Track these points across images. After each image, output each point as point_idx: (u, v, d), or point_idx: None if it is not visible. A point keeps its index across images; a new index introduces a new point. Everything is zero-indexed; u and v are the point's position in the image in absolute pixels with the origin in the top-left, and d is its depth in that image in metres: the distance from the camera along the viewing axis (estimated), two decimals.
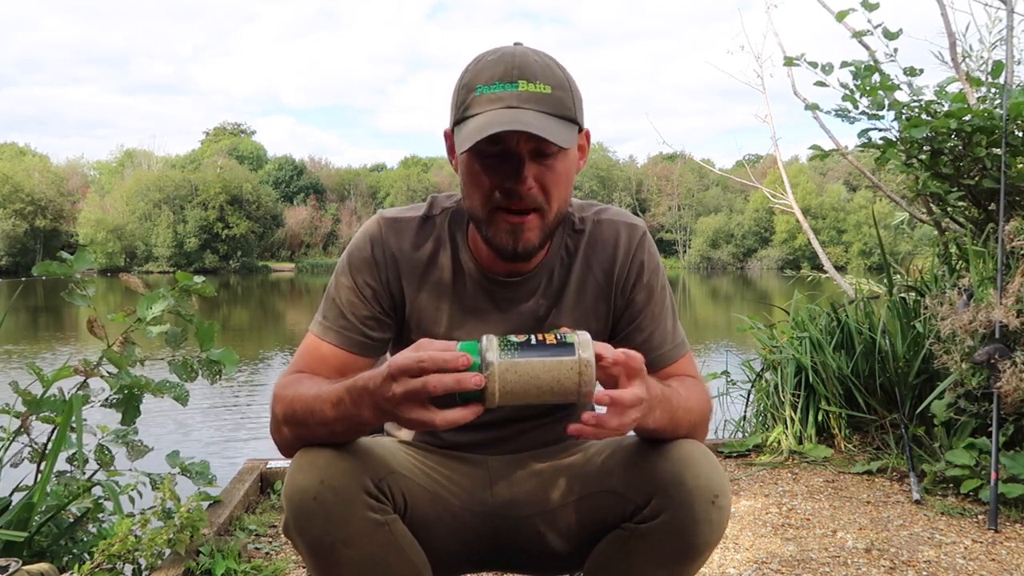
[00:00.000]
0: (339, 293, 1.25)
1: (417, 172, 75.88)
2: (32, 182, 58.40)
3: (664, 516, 1.09)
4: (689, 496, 1.08)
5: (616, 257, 1.28)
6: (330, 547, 1.05)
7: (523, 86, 1.10)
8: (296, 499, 1.05)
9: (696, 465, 1.10)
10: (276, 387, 1.16)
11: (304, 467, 1.06)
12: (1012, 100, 2.99)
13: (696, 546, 1.09)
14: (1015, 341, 2.75)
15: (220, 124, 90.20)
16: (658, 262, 1.31)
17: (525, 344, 0.97)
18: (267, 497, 2.94)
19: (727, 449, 3.52)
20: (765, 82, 5.32)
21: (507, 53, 1.13)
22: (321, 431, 1.08)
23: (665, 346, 1.27)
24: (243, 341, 12.64)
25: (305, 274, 55.80)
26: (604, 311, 1.29)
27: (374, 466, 1.11)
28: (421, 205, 1.31)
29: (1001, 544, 2.39)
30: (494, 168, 1.13)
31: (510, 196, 1.12)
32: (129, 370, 2.14)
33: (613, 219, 1.30)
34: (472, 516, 1.26)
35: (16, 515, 1.86)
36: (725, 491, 1.11)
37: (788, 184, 5.35)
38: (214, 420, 6.16)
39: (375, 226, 1.28)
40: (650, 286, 1.28)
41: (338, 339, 1.22)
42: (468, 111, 1.12)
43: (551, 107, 1.11)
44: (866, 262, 45.19)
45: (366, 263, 1.25)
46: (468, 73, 1.15)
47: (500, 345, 0.96)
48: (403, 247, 1.26)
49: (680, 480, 1.09)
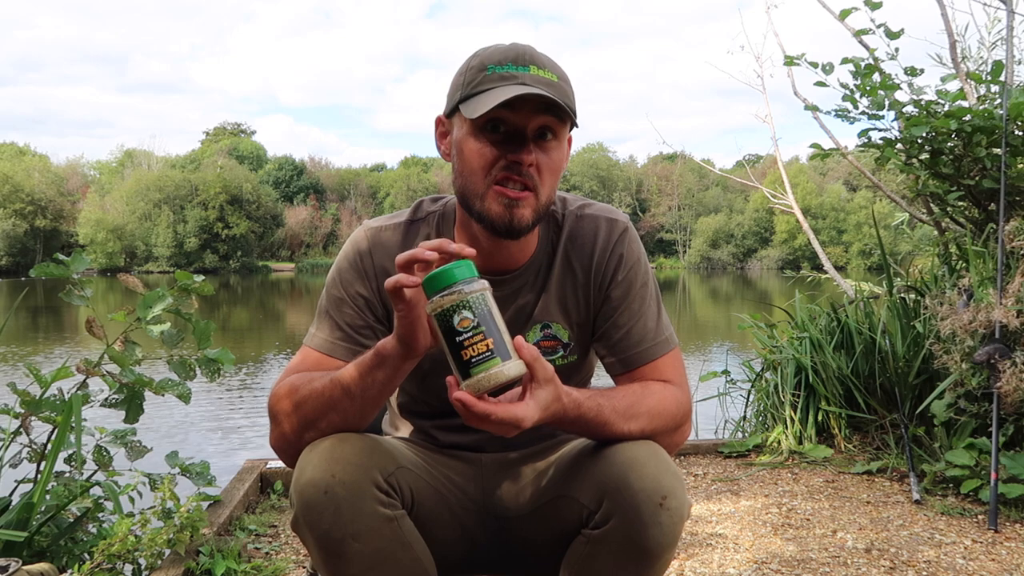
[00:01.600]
0: (331, 305, 1.25)
1: (417, 172, 75.85)
2: (32, 182, 58.38)
3: (613, 521, 1.08)
4: (635, 499, 1.05)
5: (595, 252, 1.27)
6: (339, 541, 1.05)
7: (534, 70, 1.14)
8: (307, 493, 1.05)
9: (640, 467, 1.08)
10: (273, 395, 1.16)
11: (314, 461, 1.07)
12: (1012, 100, 2.99)
13: (649, 550, 1.06)
14: (1015, 341, 2.75)
15: (220, 124, 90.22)
16: (639, 256, 1.29)
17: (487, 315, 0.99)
18: (267, 497, 2.94)
19: (727, 449, 3.52)
20: (765, 82, 5.32)
21: (517, 43, 1.18)
22: (335, 417, 1.10)
23: (644, 343, 1.25)
24: (243, 341, 12.63)
25: (305, 274, 55.78)
26: (584, 306, 1.29)
27: (383, 460, 1.11)
28: (405, 211, 1.32)
29: (1001, 544, 2.39)
30: (498, 144, 1.15)
31: (511, 170, 1.14)
32: (132, 368, 2.14)
33: (595, 214, 1.30)
34: (467, 514, 1.26)
35: (16, 515, 1.86)
36: (675, 492, 1.07)
37: (788, 184, 5.35)
38: (214, 420, 6.16)
39: (361, 237, 1.29)
40: (628, 281, 1.27)
41: (332, 349, 1.21)
42: (479, 87, 1.14)
43: (557, 93, 1.13)
44: (866, 262, 45.17)
45: (355, 273, 1.25)
46: (477, 57, 1.18)
47: (473, 297, 0.99)
48: (390, 254, 1.25)
49: (625, 483, 1.07)
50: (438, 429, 1.34)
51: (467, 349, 0.97)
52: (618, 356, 1.26)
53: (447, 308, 0.97)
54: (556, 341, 1.29)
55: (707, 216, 66.02)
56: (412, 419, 1.38)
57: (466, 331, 0.97)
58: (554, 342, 1.29)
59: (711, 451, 3.58)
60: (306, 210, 68.45)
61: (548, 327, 1.28)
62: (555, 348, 1.29)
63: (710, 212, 66.59)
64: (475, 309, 0.98)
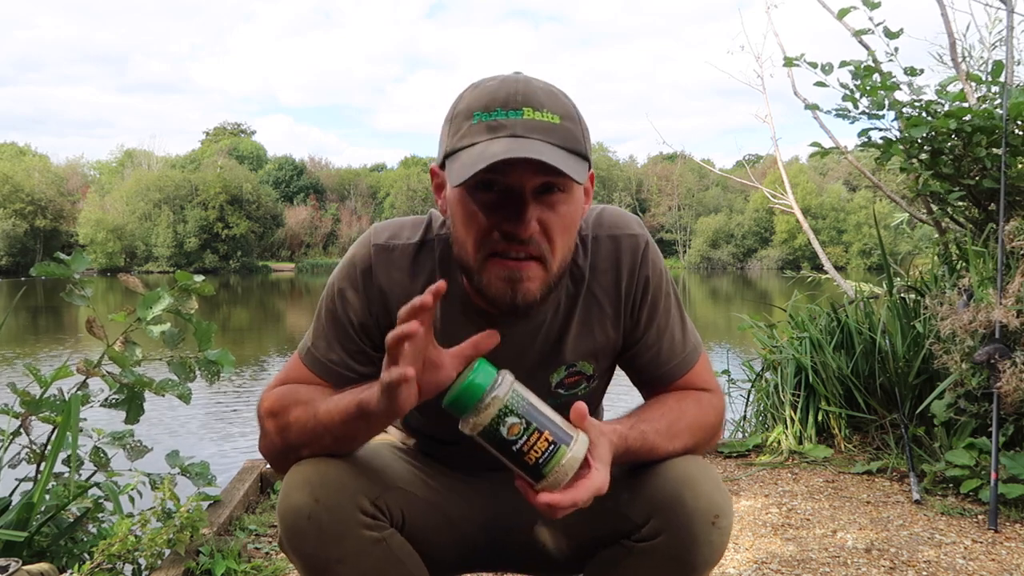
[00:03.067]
0: (328, 321, 1.17)
1: (417, 172, 75.76)
2: (32, 182, 58.37)
3: (663, 537, 1.06)
4: (689, 518, 1.05)
5: (621, 280, 1.18)
6: (324, 565, 1.04)
7: (528, 114, 0.98)
8: (290, 518, 1.04)
9: (696, 485, 1.07)
10: (264, 402, 1.12)
11: (298, 484, 1.04)
12: (1012, 100, 2.99)
13: (696, 567, 1.07)
14: (1015, 341, 2.75)
15: (220, 124, 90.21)
16: (661, 269, 1.21)
17: (531, 409, 0.94)
18: (267, 497, 2.94)
19: (727, 449, 3.52)
20: (765, 82, 5.32)
21: (509, 79, 1.02)
22: (317, 448, 1.06)
23: (674, 359, 1.21)
24: (243, 342, 12.63)
25: (305, 274, 55.77)
26: (613, 335, 1.21)
27: (369, 483, 1.08)
28: (419, 225, 1.19)
29: (1001, 544, 2.38)
30: (491, 208, 1.00)
31: (509, 240, 1.00)
32: (132, 369, 2.15)
33: (612, 233, 1.18)
34: (472, 525, 1.24)
35: (16, 515, 1.86)
36: (726, 511, 1.07)
37: (788, 184, 5.35)
38: (214, 420, 6.16)
39: (365, 254, 1.16)
40: (655, 300, 1.20)
41: (324, 372, 1.15)
42: (463, 141, 0.99)
43: (560, 139, 0.98)
44: (866, 262, 45.22)
45: (355, 296, 1.16)
46: (463, 100, 1.03)
47: (510, 398, 0.93)
48: (394, 279, 1.15)
49: (680, 500, 1.06)
50: (440, 444, 1.29)
51: (529, 454, 0.92)
52: (651, 374, 1.22)
53: (490, 423, 0.92)
54: (580, 376, 1.22)
55: (707, 216, 66.01)
56: (413, 433, 1.34)
57: (519, 437, 0.92)
58: (579, 377, 1.22)
59: (711, 451, 3.58)
60: (306, 210, 68.47)
61: (573, 366, 1.21)
62: (579, 382, 1.23)
63: (710, 212, 66.59)
64: (517, 410, 0.92)
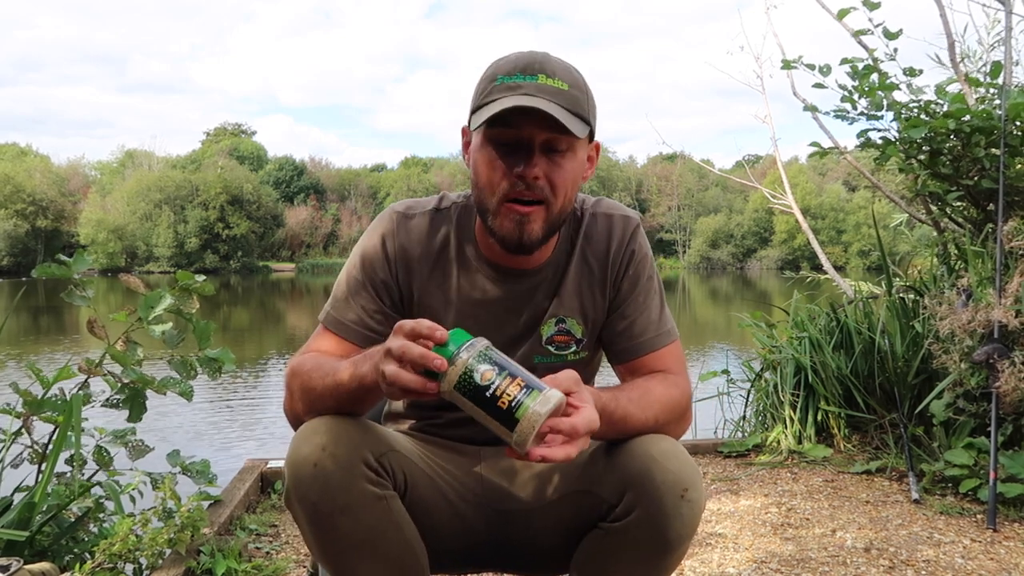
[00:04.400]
0: (349, 285, 1.29)
1: (417, 172, 75.83)
2: (33, 182, 58.36)
3: (636, 513, 1.10)
4: (658, 491, 1.09)
5: (610, 248, 1.32)
6: (328, 515, 1.07)
7: (542, 79, 1.15)
8: (297, 466, 1.07)
9: (664, 459, 1.11)
10: (289, 371, 1.20)
11: (307, 435, 1.09)
12: (1011, 101, 2.99)
13: (669, 541, 1.10)
14: (1014, 341, 2.76)
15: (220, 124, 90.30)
16: (647, 252, 1.35)
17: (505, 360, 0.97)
18: (267, 497, 2.95)
19: (727, 449, 3.53)
20: (764, 83, 5.33)
21: (531, 52, 1.19)
22: (330, 402, 1.12)
23: (647, 334, 1.31)
24: (243, 342, 12.64)
25: (306, 274, 55.75)
26: (600, 301, 1.33)
27: (375, 441, 1.13)
28: (432, 198, 1.36)
29: (1000, 543, 2.39)
30: (506, 155, 1.17)
31: (520, 182, 1.16)
32: (134, 368, 2.15)
33: (609, 212, 1.35)
34: (466, 506, 1.27)
35: (18, 515, 1.86)
36: (695, 484, 1.10)
37: (788, 184, 5.36)
38: (215, 420, 6.16)
39: (388, 220, 1.32)
40: (637, 275, 1.33)
41: (345, 332, 1.26)
42: (487, 98, 1.17)
43: (566, 102, 1.15)
44: (865, 262, 45.15)
45: (378, 257, 1.29)
46: (491, 67, 1.20)
47: (481, 352, 0.97)
48: (413, 240, 1.30)
49: (648, 475, 1.10)
50: (435, 421, 1.36)
51: (502, 398, 0.94)
52: (622, 345, 1.31)
53: (464, 373, 0.95)
54: (570, 336, 1.33)
55: (707, 216, 66.00)
56: (410, 411, 1.40)
57: (493, 381, 0.94)
58: (568, 337, 1.33)
59: (711, 451, 3.58)
60: (306, 210, 68.45)
61: (563, 322, 1.32)
62: (568, 343, 1.33)
63: (710, 212, 66.57)
64: (491, 359, 0.96)
